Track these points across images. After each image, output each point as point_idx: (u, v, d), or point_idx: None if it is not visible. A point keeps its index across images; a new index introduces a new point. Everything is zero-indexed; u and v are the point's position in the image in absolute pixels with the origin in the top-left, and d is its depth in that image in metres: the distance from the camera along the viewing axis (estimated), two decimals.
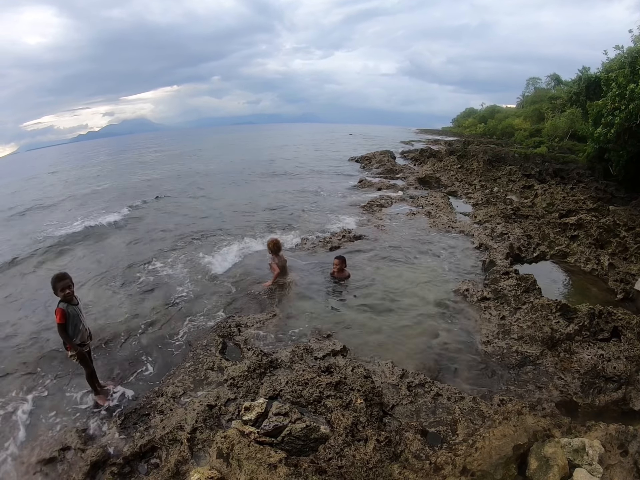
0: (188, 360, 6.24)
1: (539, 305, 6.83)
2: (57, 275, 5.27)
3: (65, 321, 5.13)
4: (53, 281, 5.19)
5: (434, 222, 13.13)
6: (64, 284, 5.18)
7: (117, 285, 9.36)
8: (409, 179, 21.64)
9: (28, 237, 14.20)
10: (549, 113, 45.56)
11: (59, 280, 5.19)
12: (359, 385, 5.04)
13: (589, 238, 10.44)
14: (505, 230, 11.56)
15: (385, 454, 4.12)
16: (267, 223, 13.88)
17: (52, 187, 27.14)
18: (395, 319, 7.33)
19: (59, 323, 5.09)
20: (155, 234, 13.34)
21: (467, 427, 4.53)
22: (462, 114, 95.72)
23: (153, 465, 4.42)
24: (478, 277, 8.91)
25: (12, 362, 6.63)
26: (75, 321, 5.23)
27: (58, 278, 5.21)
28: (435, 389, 5.22)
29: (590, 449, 3.79)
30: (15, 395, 5.78)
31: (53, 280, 5.20)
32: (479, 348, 6.35)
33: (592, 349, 5.93)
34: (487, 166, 22.31)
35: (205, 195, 20.21)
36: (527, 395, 5.23)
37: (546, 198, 15.15)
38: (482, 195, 16.62)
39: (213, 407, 5.04)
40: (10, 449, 4.78)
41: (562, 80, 58.13)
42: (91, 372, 5.58)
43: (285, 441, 4.23)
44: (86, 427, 5.07)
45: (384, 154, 29.89)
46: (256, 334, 6.82)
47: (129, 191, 22.26)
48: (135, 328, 7.35)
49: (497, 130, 59.46)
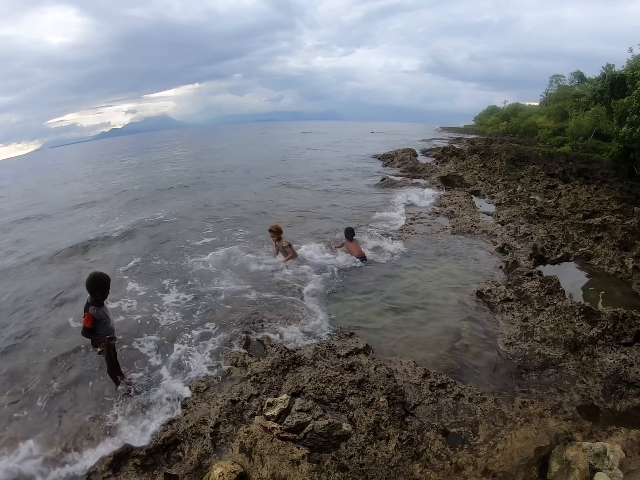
0: (212, 355, 6.31)
1: (562, 308, 6.78)
2: (105, 278, 5.25)
3: (95, 325, 5.18)
4: (101, 282, 5.18)
5: (456, 221, 13.05)
6: (107, 290, 5.26)
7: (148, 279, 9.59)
8: (432, 178, 21.46)
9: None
10: (573, 111, 44.77)
11: (106, 285, 5.22)
12: (381, 383, 5.08)
13: (613, 240, 10.29)
14: (528, 230, 11.43)
15: (407, 453, 4.15)
16: (288, 221, 13.90)
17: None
18: (418, 318, 7.34)
19: (88, 327, 5.13)
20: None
21: (489, 429, 4.55)
22: (484, 111, 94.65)
23: (176, 458, 4.46)
24: (501, 278, 8.85)
25: (34, 353, 6.81)
26: (104, 320, 5.29)
27: (106, 283, 5.22)
28: (457, 389, 5.23)
29: (612, 454, 3.79)
30: (37, 386, 5.92)
31: (101, 281, 5.19)
32: (501, 349, 6.33)
33: (615, 353, 5.86)
34: (510, 165, 22.07)
35: (245, 190, 20.40)
36: (548, 398, 5.19)
37: (570, 198, 14.93)
38: (505, 195, 16.43)
39: (236, 402, 5.09)
40: (32, 441, 4.86)
41: (586, 78, 57.13)
42: (114, 365, 5.69)
43: (307, 437, 4.28)
44: (109, 419, 5.14)
45: (407, 152, 29.67)
46: (279, 330, 6.88)
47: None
48: (158, 322, 7.46)
49: (519, 129, 58.71)
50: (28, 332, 7.51)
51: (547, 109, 58.95)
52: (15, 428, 5.11)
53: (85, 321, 5.09)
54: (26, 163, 76.99)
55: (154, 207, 17.52)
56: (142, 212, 16.68)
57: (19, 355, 6.78)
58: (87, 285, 5.15)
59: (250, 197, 18.57)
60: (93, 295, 5.15)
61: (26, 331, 7.53)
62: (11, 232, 15.95)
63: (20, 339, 7.26)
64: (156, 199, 19.44)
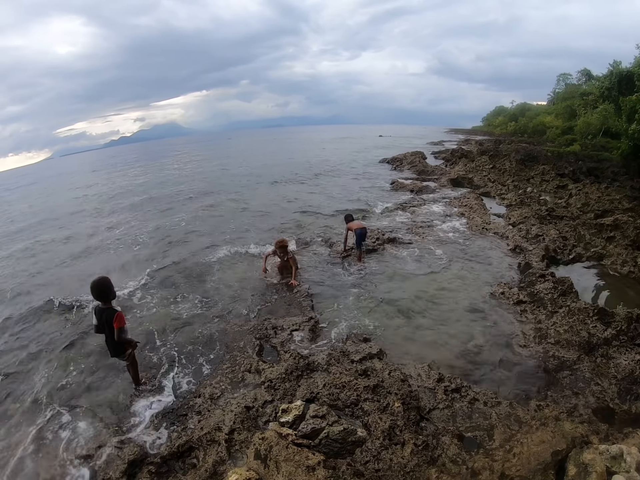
0: (225, 361, 6.34)
1: (576, 309, 6.76)
2: (107, 279, 5.27)
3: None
4: (109, 285, 5.20)
5: (467, 223, 13.05)
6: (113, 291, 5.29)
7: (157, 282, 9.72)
8: (441, 180, 21.48)
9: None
10: (581, 110, 44.52)
11: (111, 285, 5.24)
12: (396, 388, 5.07)
13: (625, 239, 10.24)
14: (540, 231, 11.39)
15: (423, 458, 4.15)
16: (297, 225, 13.97)
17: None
18: (431, 322, 7.33)
19: (122, 327, 5.18)
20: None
21: (504, 433, 4.52)
22: (492, 112, 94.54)
23: (190, 465, 4.47)
24: (513, 280, 8.83)
25: (47, 358, 6.90)
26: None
27: (110, 284, 5.24)
28: (471, 393, 5.21)
29: (628, 456, 3.76)
30: (51, 392, 5.98)
31: (108, 284, 5.21)
32: (515, 352, 6.30)
33: (630, 354, 5.84)
34: (520, 166, 22.01)
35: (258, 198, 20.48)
36: (563, 401, 5.17)
37: (581, 198, 14.88)
38: (515, 196, 16.38)
39: (250, 408, 5.10)
40: (48, 446, 4.93)
41: (594, 75, 56.83)
42: (136, 369, 5.79)
43: (322, 443, 4.28)
44: (123, 425, 5.19)
45: (415, 155, 29.72)
46: (292, 336, 6.89)
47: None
48: (171, 327, 7.52)
49: (528, 129, 58.53)
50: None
51: (555, 108, 58.72)
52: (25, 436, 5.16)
53: (120, 321, 5.14)
54: (44, 171, 77.55)
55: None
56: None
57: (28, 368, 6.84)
58: (98, 292, 5.16)
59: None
60: (106, 299, 5.19)
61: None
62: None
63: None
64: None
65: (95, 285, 5.14)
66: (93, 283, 5.17)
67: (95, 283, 5.16)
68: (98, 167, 55.46)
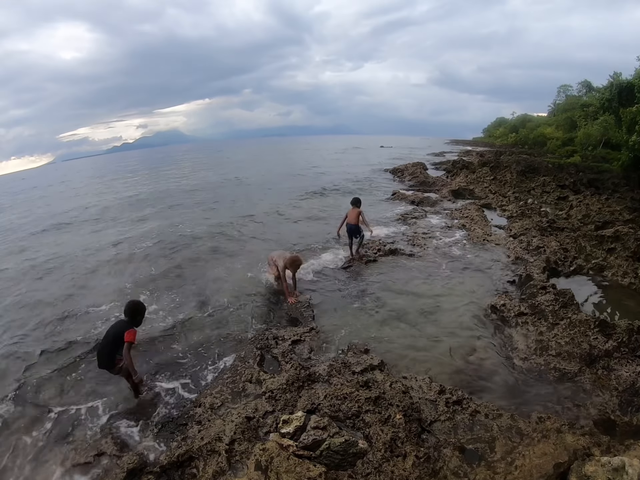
0: (226, 371, 6.33)
1: (577, 321, 6.75)
2: (143, 305, 5.87)
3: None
4: (142, 309, 5.79)
5: (468, 235, 13.06)
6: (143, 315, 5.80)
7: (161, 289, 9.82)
8: (443, 191, 21.52)
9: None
10: (582, 121, 44.83)
11: (144, 310, 5.81)
12: (397, 400, 5.05)
13: (626, 251, 10.24)
14: (541, 243, 11.39)
15: (424, 470, 4.14)
16: (301, 238, 13.95)
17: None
18: (432, 334, 7.32)
19: (131, 342, 5.40)
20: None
21: (506, 445, 4.51)
22: (493, 123, 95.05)
23: (190, 475, 4.45)
24: (514, 292, 8.82)
25: (47, 367, 6.87)
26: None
27: (144, 309, 5.84)
28: (473, 405, 5.20)
29: (630, 468, 3.75)
30: (50, 399, 6.00)
31: (142, 308, 5.80)
32: (516, 364, 6.30)
33: (631, 366, 5.83)
34: (521, 177, 22.07)
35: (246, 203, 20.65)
36: (565, 413, 5.16)
37: (581, 209, 14.91)
38: (516, 208, 16.40)
39: (251, 419, 5.08)
40: (46, 453, 4.94)
41: (594, 87, 57.20)
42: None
43: (323, 455, 4.26)
44: (122, 433, 5.20)
45: (417, 166, 29.87)
46: (294, 347, 6.88)
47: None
48: (172, 336, 7.53)
49: (528, 140, 58.80)
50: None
51: (556, 119, 59.06)
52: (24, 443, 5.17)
53: (131, 336, 5.39)
54: (46, 175, 77.73)
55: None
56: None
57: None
58: (131, 311, 5.66)
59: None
60: (134, 319, 5.66)
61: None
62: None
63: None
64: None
65: (131, 305, 5.74)
66: (131, 302, 5.83)
67: (132, 303, 5.79)
68: (103, 172, 55.33)
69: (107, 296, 9.47)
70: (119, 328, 5.47)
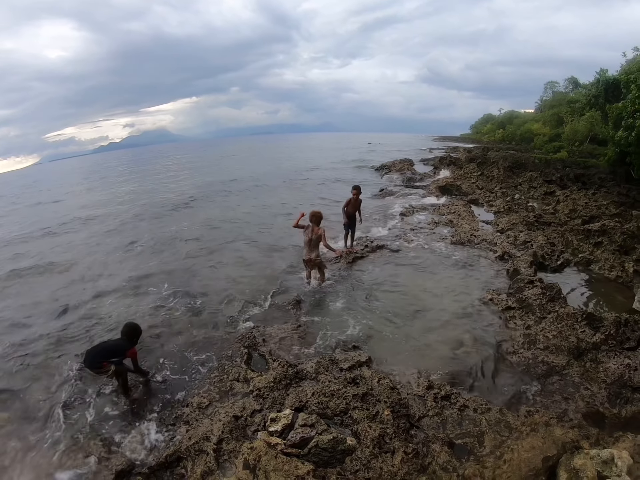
0: (213, 370, 6.28)
1: (565, 315, 6.77)
2: (140, 329, 6.12)
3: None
4: (138, 331, 6.05)
5: (456, 230, 13.04)
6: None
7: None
8: (430, 187, 21.52)
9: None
10: (568, 117, 45.05)
11: (139, 333, 6.09)
12: (385, 396, 5.04)
13: (613, 244, 10.32)
14: (528, 238, 11.43)
15: (413, 466, 4.12)
16: (291, 236, 13.85)
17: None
18: (420, 329, 7.31)
19: (135, 359, 5.90)
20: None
21: (494, 439, 4.51)
22: (480, 120, 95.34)
23: (179, 475, 4.42)
24: (502, 287, 8.84)
25: (36, 370, 6.78)
26: None
27: (140, 332, 6.11)
28: (461, 400, 5.19)
29: (619, 460, 3.76)
30: (39, 401, 5.91)
31: (139, 330, 6.07)
32: (504, 358, 6.31)
33: (619, 358, 5.85)
34: (508, 173, 22.18)
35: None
36: (553, 406, 5.17)
37: (568, 204, 14.99)
38: (503, 203, 16.46)
39: (239, 418, 5.05)
40: (33, 456, 4.86)
41: (581, 83, 57.55)
42: (125, 382, 5.87)
43: (312, 452, 4.24)
44: (111, 435, 5.13)
45: (404, 163, 29.89)
46: (281, 344, 6.85)
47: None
48: (157, 335, 7.48)
49: (516, 136, 59.07)
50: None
51: (543, 115, 59.36)
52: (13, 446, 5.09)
53: (135, 354, 5.84)
54: (35, 176, 76.67)
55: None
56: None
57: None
58: (128, 333, 5.88)
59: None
60: (130, 340, 5.88)
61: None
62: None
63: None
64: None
65: (132, 326, 6.04)
66: (131, 323, 6.18)
67: (132, 325, 6.10)
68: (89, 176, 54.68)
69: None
70: (118, 345, 5.78)
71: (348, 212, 11.10)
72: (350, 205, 11.07)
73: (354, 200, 11.05)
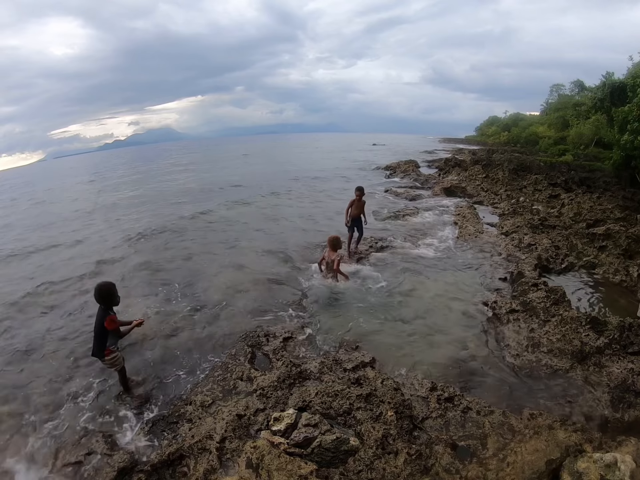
0: (217, 369, 6.28)
1: (569, 318, 6.75)
2: (112, 285, 5.32)
3: (116, 330, 5.29)
4: (113, 289, 5.27)
5: (460, 232, 13.05)
6: (117, 296, 5.35)
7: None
8: (435, 189, 21.53)
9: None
10: (574, 120, 45.03)
11: (115, 291, 5.30)
12: (389, 397, 5.03)
13: (617, 248, 10.31)
14: (532, 241, 11.41)
15: (416, 467, 4.12)
16: (297, 237, 13.86)
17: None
18: (423, 330, 7.30)
19: (114, 328, 5.22)
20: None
21: (497, 441, 4.50)
22: (485, 122, 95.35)
23: (181, 473, 4.41)
24: (506, 289, 8.83)
25: (40, 365, 6.78)
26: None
27: (114, 290, 5.29)
28: (464, 402, 5.19)
29: (622, 464, 3.76)
30: (41, 396, 5.91)
31: (113, 288, 5.27)
32: (508, 361, 6.30)
33: (622, 363, 5.84)
34: (513, 175, 22.18)
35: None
36: (557, 409, 5.17)
37: (573, 207, 14.97)
38: (508, 205, 16.45)
39: (242, 416, 5.05)
40: (36, 452, 4.87)
41: (586, 87, 57.49)
42: (125, 376, 5.76)
43: (315, 452, 4.23)
44: (113, 432, 5.13)
45: (409, 164, 29.93)
46: (285, 344, 6.84)
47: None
48: (162, 332, 7.45)
49: (521, 139, 59.05)
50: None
51: (548, 118, 59.30)
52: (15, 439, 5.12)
53: (111, 324, 5.16)
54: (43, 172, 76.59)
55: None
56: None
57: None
58: (102, 296, 5.20)
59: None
60: (108, 304, 5.23)
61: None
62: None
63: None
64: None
65: (100, 289, 5.21)
66: (98, 286, 5.26)
67: (100, 287, 5.25)
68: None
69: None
70: (99, 318, 5.20)
71: (352, 214, 11.08)
72: (354, 206, 11.05)
73: (357, 202, 11.03)
